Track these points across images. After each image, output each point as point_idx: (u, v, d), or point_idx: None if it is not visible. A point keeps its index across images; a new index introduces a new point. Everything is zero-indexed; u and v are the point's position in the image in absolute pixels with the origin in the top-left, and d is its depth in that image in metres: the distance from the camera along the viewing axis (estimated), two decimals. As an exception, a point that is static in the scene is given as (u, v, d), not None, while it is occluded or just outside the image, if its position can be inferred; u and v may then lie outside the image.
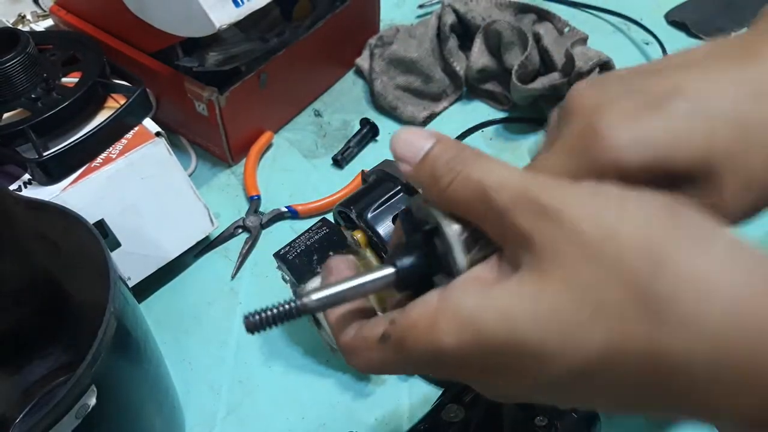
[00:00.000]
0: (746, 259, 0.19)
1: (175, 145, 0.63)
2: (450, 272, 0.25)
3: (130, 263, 0.56)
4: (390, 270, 0.25)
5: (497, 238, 0.23)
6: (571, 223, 0.20)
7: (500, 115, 0.77)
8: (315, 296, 0.24)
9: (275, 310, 0.24)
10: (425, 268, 0.26)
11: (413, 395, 0.53)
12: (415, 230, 0.27)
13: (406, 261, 0.26)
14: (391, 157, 0.56)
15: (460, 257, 0.24)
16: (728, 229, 0.20)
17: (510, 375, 0.22)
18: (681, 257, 0.19)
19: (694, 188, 0.24)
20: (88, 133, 0.53)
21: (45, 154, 0.51)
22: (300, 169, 0.72)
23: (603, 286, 0.20)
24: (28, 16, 0.77)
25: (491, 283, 0.22)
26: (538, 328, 0.21)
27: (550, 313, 0.20)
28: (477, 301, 0.22)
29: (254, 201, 0.68)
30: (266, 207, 0.68)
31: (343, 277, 0.26)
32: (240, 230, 0.66)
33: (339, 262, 0.28)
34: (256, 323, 0.24)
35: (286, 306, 0.24)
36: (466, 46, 0.79)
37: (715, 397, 0.19)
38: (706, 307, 0.18)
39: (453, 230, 0.24)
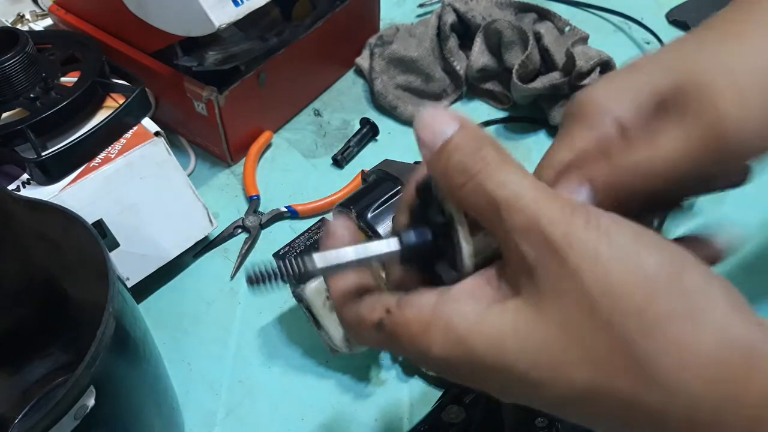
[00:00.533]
0: (735, 337, 0.20)
1: (174, 145, 0.63)
2: (453, 265, 0.25)
3: (129, 263, 0.56)
4: (395, 245, 0.25)
5: (502, 251, 0.24)
6: (575, 268, 0.21)
7: (500, 114, 0.77)
8: (319, 262, 0.25)
9: (278, 269, 0.25)
10: (430, 251, 0.26)
11: (413, 396, 0.53)
12: (428, 206, 0.26)
13: (413, 238, 0.26)
14: (390, 157, 0.56)
15: (468, 261, 0.24)
16: (728, 297, 0.21)
17: (497, 389, 0.23)
18: (673, 325, 0.20)
19: (688, 112, 0.25)
20: (86, 132, 0.53)
21: (44, 153, 0.51)
22: (300, 169, 0.72)
23: (595, 334, 0.21)
24: (27, 16, 0.76)
25: (488, 301, 0.23)
26: (526, 360, 0.22)
27: (541, 347, 0.21)
28: (470, 322, 0.22)
29: (253, 201, 0.67)
30: (266, 207, 0.67)
31: (347, 246, 0.25)
32: (239, 230, 0.66)
33: (338, 227, 0.28)
34: (257, 276, 0.24)
35: (290, 265, 0.24)
36: (466, 45, 0.79)
37: None
38: (688, 375, 0.20)
39: (465, 231, 0.24)
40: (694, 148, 0.25)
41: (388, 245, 0.25)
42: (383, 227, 0.48)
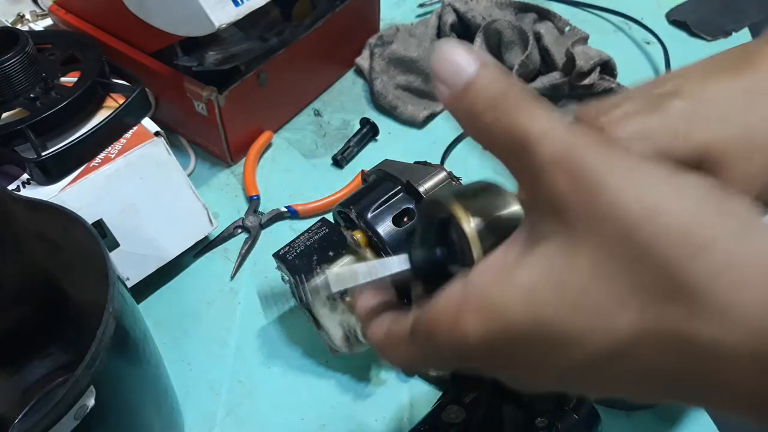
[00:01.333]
0: None
1: (174, 145, 0.63)
2: (464, 263, 0.24)
3: (129, 263, 0.56)
4: (405, 262, 0.26)
5: (527, 196, 0.22)
6: (610, 195, 0.19)
7: (500, 114, 0.77)
8: (335, 289, 0.26)
9: (292, 291, 0.26)
10: (440, 260, 0.26)
11: (413, 396, 0.53)
12: (430, 221, 0.27)
13: (420, 254, 0.26)
14: (390, 157, 0.56)
15: (477, 252, 0.24)
16: None
17: (538, 362, 0.22)
18: (721, 245, 0.18)
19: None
20: (86, 132, 0.53)
21: (44, 153, 0.51)
22: (300, 169, 0.72)
23: (638, 266, 0.19)
24: (27, 16, 0.76)
25: (513, 264, 0.21)
26: (565, 310, 0.20)
27: (579, 293, 0.20)
28: (501, 286, 0.21)
29: (253, 201, 0.67)
30: (266, 207, 0.67)
31: (360, 271, 0.26)
32: (239, 230, 0.66)
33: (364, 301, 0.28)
34: (272, 297, 0.26)
35: (304, 286, 0.26)
36: (466, 45, 0.79)
37: (748, 386, 0.18)
38: (745, 297, 0.18)
39: (470, 227, 0.24)
40: None
41: (399, 263, 0.26)
42: (383, 227, 0.48)
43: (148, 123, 0.57)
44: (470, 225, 0.24)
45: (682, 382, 0.20)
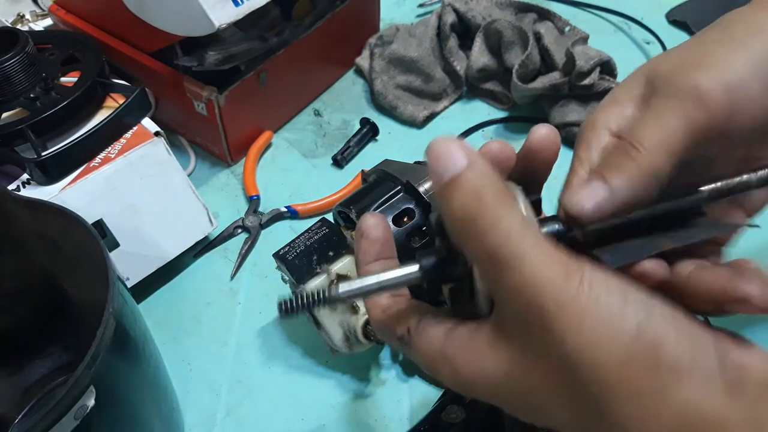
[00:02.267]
0: (703, 414, 0.22)
1: (174, 145, 0.63)
2: (471, 292, 0.26)
3: (129, 263, 0.56)
4: (415, 270, 0.27)
5: (494, 294, 0.25)
6: (561, 337, 0.22)
7: (500, 114, 0.77)
8: (343, 289, 0.26)
9: (307, 298, 0.26)
10: (448, 274, 0.27)
11: (413, 396, 0.53)
12: (444, 232, 0.27)
13: (432, 264, 0.27)
14: (390, 157, 0.56)
15: (485, 305, 0.26)
16: (705, 363, 0.22)
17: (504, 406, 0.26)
18: (643, 401, 0.22)
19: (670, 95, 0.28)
20: (86, 132, 0.53)
21: (44, 153, 0.51)
22: (300, 169, 0.72)
23: (576, 399, 0.23)
24: (27, 16, 0.76)
25: (487, 347, 0.25)
26: (517, 406, 0.25)
27: (528, 398, 0.24)
28: (471, 369, 0.25)
29: (253, 201, 0.67)
30: (266, 207, 0.67)
31: (372, 271, 0.27)
32: (239, 230, 0.66)
33: (372, 228, 0.29)
34: (288, 307, 0.26)
35: (318, 296, 0.26)
36: (466, 45, 0.79)
37: None
38: None
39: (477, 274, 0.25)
40: (685, 124, 0.27)
41: (410, 271, 0.27)
42: (383, 227, 0.48)
43: (148, 123, 0.57)
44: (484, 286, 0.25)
45: None
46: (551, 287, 0.22)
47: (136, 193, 0.55)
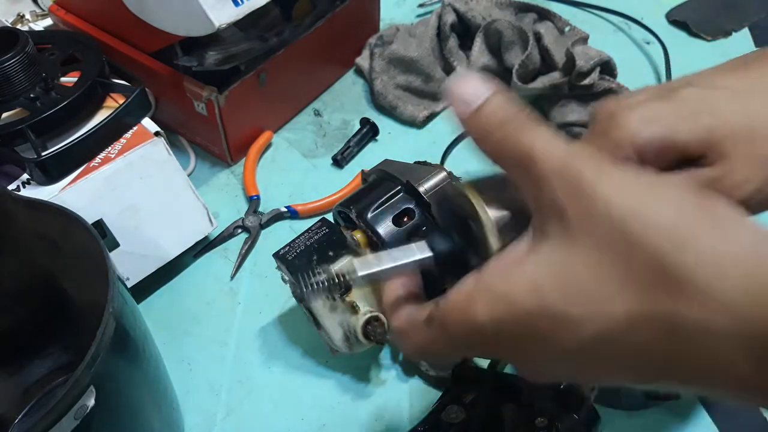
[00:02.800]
0: (765, 245, 0.20)
1: (174, 145, 0.63)
2: (483, 254, 0.26)
3: (129, 263, 0.56)
4: (427, 253, 0.28)
5: (531, 202, 0.25)
6: (604, 199, 0.22)
7: (500, 114, 0.77)
8: (361, 273, 0.27)
9: (325, 283, 0.28)
10: (460, 251, 0.28)
11: (413, 396, 0.53)
12: (451, 214, 0.28)
13: (443, 244, 0.28)
14: (390, 157, 0.56)
15: (494, 242, 0.26)
16: (750, 218, 0.22)
17: (541, 344, 0.24)
18: (703, 239, 0.20)
19: (706, 167, 0.27)
20: (86, 132, 0.53)
21: (44, 153, 0.51)
22: (300, 169, 0.72)
23: (628, 259, 0.21)
24: (27, 16, 0.76)
25: (519, 260, 0.24)
26: (565, 297, 0.22)
27: (577, 282, 0.22)
28: (508, 278, 0.24)
29: (253, 201, 0.67)
30: (266, 207, 0.67)
31: (384, 257, 0.28)
32: (239, 230, 0.66)
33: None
34: (308, 292, 0.27)
35: (335, 280, 0.27)
36: (466, 45, 0.79)
37: (734, 367, 0.20)
38: (726, 284, 0.20)
39: (488, 218, 0.26)
40: (593, 141, 0.28)
41: (421, 251, 0.28)
42: (383, 227, 0.48)
43: (148, 123, 0.57)
44: (490, 221, 0.26)
45: (672, 364, 0.21)
46: (588, 161, 0.23)
47: (136, 193, 0.55)
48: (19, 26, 0.75)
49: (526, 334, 0.24)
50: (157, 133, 0.56)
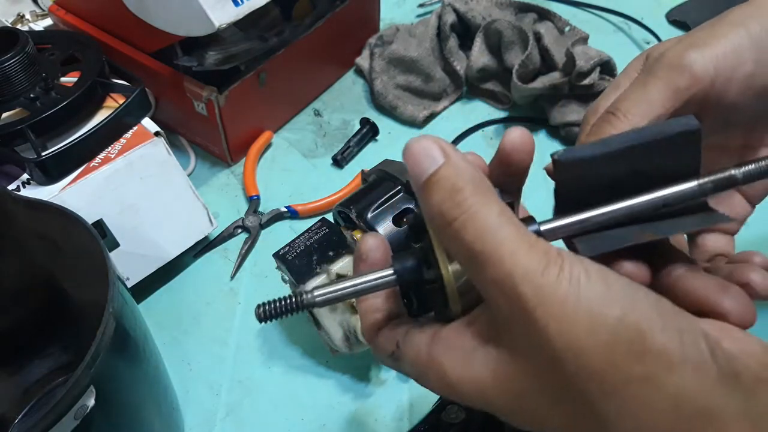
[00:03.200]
0: (693, 402, 0.21)
1: (174, 145, 0.63)
2: (442, 311, 0.26)
3: (129, 263, 0.56)
4: (390, 275, 0.26)
5: (483, 295, 0.24)
6: (544, 326, 0.21)
7: (500, 114, 0.77)
8: (319, 293, 0.26)
9: (283, 303, 0.26)
10: (422, 277, 0.27)
11: (413, 396, 0.53)
12: (420, 234, 0.27)
13: (406, 267, 0.27)
14: (390, 156, 0.56)
15: (455, 306, 0.25)
16: (696, 352, 0.21)
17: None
18: (630, 390, 0.21)
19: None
20: (86, 132, 0.53)
21: (44, 153, 0.51)
22: (300, 169, 0.72)
23: (563, 390, 0.22)
24: (27, 16, 0.76)
25: (474, 344, 0.24)
26: (506, 407, 0.24)
27: (517, 397, 0.23)
28: (458, 371, 0.24)
29: (253, 201, 0.67)
30: (266, 207, 0.67)
31: (344, 286, 0.27)
32: (239, 230, 0.66)
33: (372, 250, 0.29)
34: (265, 313, 0.26)
35: (293, 300, 0.26)
36: (466, 45, 0.79)
37: None
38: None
39: (449, 277, 0.25)
40: (668, 92, 0.29)
41: (384, 276, 0.27)
42: (383, 227, 0.48)
43: (148, 123, 0.57)
44: (452, 283, 0.25)
45: None
46: (531, 276, 0.21)
47: (136, 193, 0.55)
48: (19, 26, 0.75)
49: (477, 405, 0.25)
50: (157, 133, 0.56)
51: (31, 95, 0.54)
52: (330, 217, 0.55)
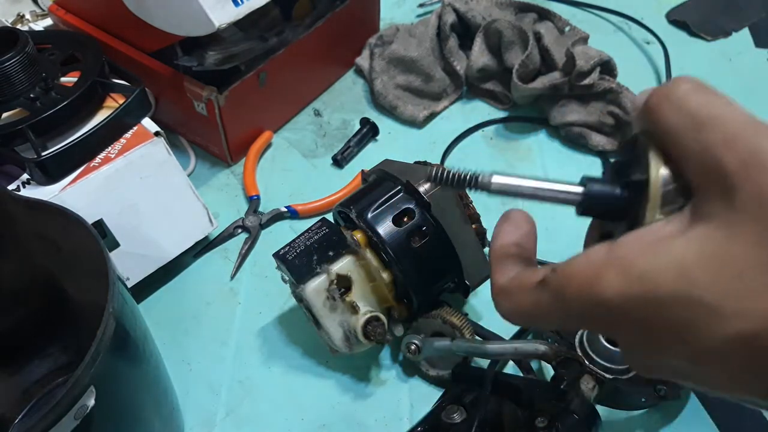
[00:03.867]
0: None
1: (174, 145, 0.63)
2: (636, 219, 0.23)
3: (129, 263, 0.56)
4: (578, 189, 0.25)
5: (694, 175, 0.22)
6: None
7: (500, 114, 0.77)
8: (497, 180, 0.25)
9: (459, 176, 0.26)
10: (612, 207, 0.25)
11: (413, 396, 0.53)
12: (629, 165, 0.25)
13: (597, 187, 0.25)
14: (390, 157, 0.56)
15: (655, 203, 0.23)
16: None
17: (674, 335, 0.21)
18: None
19: None
20: (86, 132, 0.53)
21: (44, 153, 0.51)
22: (300, 169, 0.72)
23: None
24: (27, 16, 0.76)
25: (668, 237, 0.21)
26: (718, 286, 0.19)
27: (735, 271, 0.19)
28: (651, 255, 0.21)
29: (254, 201, 0.67)
30: (266, 207, 0.67)
31: (531, 183, 0.25)
32: (239, 230, 0.66)
33: (522, 219, 0.28)
34: (438, 176, 0.26)
35: (469, 176, 0.25)
36: (466, 45, 0.79)
37: None
38: None
39: (660, 175, 0.23)
40: None
41: (571, 188, 0.25)
42: (383, 227, 0.48)
43: (148, 123, 0.57)
44: (658, 182, 0.23)
45: None
46: (765, 133, 0.20)
47: (136, 193, 0.55)
48: (19, 26, 0.75)
49: (660, 320, 0.21)
50: (157, 133, 0.56)
51: (31, 95, 0.54)
52: (330, 217, 0.55)
